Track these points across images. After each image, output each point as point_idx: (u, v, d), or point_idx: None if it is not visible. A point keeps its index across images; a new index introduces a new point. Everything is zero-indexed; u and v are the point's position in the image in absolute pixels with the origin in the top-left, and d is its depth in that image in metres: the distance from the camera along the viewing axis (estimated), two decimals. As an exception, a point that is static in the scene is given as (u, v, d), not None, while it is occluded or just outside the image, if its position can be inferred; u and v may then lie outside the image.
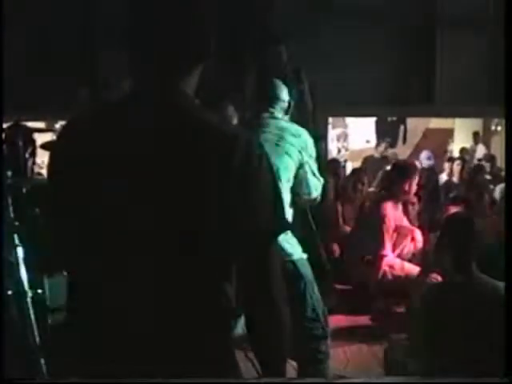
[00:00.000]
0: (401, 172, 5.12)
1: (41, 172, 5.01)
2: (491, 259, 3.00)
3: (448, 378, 2.24)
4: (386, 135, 9.87)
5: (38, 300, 3.23)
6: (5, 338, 2.73)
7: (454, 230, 3.12)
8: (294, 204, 3.20)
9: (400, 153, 9.69)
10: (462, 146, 9.87)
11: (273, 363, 1.50)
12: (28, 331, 3.12)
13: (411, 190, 5.08)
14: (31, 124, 5.02)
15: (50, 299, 3.31)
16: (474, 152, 9.93)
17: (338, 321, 4.49)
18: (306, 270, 3.21)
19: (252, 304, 1.46)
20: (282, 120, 3.27)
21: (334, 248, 5.72)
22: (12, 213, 3.28)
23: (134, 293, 1.40)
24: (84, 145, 1.44)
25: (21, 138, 3.62)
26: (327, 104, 5.80)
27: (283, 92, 3.33)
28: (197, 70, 1.49)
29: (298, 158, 3.15)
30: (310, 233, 3.57)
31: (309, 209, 3.51)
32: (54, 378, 2.82)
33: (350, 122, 10.06)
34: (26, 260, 3.25)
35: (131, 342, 1.40)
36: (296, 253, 3.16)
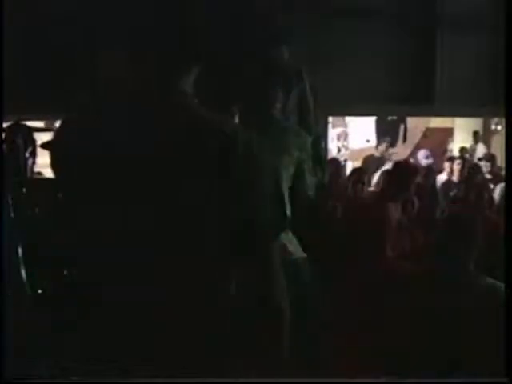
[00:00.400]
0: (401, 172, 5.12)
1: (41, 172, 5.01)
2: (491, 259, 3.00)
3: (448, 378, 2.24)
4: (386, 134, 9.87)
5: (38, 300, 3.24)
6: (5, 338, 2.73)
7: (453, 230, 3.12)
8: (293, 203, 3.20)
9: (400, 152, 9.68)
10: (462, 146, 9.86)
11: (273, 363, 1.50)
12: (28, 331, 3.12)
13: (411, 189, 5.08)
14: (31, 124, 5.02)
15: (49, 299, 3.31)
16: (473, 151, 9.92)
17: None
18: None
19: (253, 303, 1.46)
20: (282, 119, 3.27)
21: (334, 248, 5.72)
22: (12, 213, 3.29)
23: (133, 293, 1.40)
24: (83, 144, 1.44)
25: (21, 138, 3.62)
26: (327, 104, 5.80)
27: (284, 92, 3.33)
28: (196, 69, 1.49)
29: (297, 157, 3.15)
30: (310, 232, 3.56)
31: (308, 208, 3.51)
32: (54, 378, 2.82)
33: (349, 122, 10.05)
34: (26, 260, 3.25)
35: (131, 342, 1.40)
36: (297, 251, 3.17)
